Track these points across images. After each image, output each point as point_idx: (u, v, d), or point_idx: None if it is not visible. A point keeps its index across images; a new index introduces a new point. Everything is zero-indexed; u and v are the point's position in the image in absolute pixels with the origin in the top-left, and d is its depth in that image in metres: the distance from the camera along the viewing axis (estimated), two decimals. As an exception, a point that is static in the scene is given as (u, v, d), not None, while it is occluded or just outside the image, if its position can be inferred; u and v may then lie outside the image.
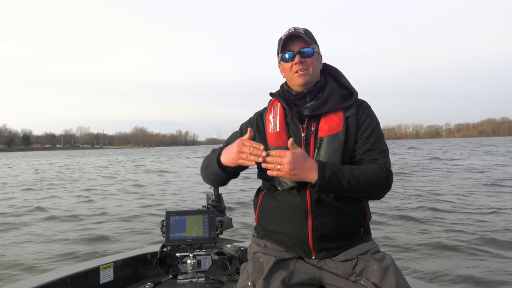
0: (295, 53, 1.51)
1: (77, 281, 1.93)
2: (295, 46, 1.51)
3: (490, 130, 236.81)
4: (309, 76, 1.52)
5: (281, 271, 1.43)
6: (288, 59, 1.53)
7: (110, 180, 16.46)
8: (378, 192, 1.46)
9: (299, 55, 1.50)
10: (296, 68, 1.51)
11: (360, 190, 1.40)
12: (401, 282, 1.37)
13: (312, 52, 1.52)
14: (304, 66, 1.51)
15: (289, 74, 1.55)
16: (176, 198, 10.27)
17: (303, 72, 1.51)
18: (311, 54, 1.52)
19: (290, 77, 1.55)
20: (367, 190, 1.41)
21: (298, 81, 1.52)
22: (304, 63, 1.51)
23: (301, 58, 1.50)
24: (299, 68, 1.51)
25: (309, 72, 1.52)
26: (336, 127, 1.49)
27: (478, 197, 8.86)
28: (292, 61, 1.52)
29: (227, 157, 1.45)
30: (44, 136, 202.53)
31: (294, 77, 1.53)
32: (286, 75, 1.58)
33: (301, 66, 1.50)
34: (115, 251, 4.98)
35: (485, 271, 4.08)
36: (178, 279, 2.16)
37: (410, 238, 5.47)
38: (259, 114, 1.67)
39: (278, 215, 1.52)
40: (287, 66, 1.54)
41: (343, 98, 1.55)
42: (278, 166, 1.32)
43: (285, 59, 1.54)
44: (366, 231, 1.55)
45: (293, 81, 1.55)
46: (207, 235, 2.22)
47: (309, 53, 1.51)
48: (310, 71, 1.52)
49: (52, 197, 11.16)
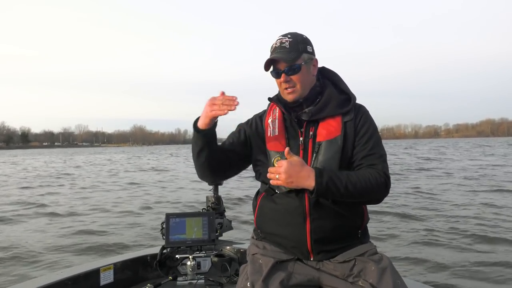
0: (280, 72, 1.51)
1: (77, 283, 1.94)
2: (280, 64, 1.51)
3: (489, 131, 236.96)
4: (297, 92, 1.52)
5: (279, 272, 1.45)
6: (275, 77, 1.54)
7: (111, 178, 16.46)
8: (376, 197, 1.47)
9: (284, 74, 1.50)
10: (284, 86, 1.52)
11: (358, 195, 1.42)
12: (398, 283, 1.39)
13: (299, 68, 1.50)
14: (291, 84, 1.51)
15: (280, 88, 1.57)
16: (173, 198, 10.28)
17: (291, 90, 1.52)
18: (297, 70, 1.50)
19: (281, 91, 1.57)
20: (364, 195, 1.43)
21: (288, 98, 1.54)
22: (290, 81, 1.51)
23: (286, 77, 1.50)
24: (286, 86, 1.52)
25: (297, 89, 1.52)
26: (334, 132, 1.50)
27: (474, 198, 8.91)
28: (279, 79, 1.53)
29: (201, 117, 1.48)
30: (42, 134, 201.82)
31: (284, 93, 1.55)
32: (279, 88, 1.59)
33: (288, 85, 1.51)
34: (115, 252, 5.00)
35: (483, 270, 4.12)
36: (178, 280, 2.17)
37: (408, 239, 5.50)
38: (259, 117, 1.68)
39: (276, 217, 1.53)
40: (277, 81, 1.56)
41: (341, 103, 1.56)
42: (277, 175, 1.37)
43: (273, 76, 1.56)
44: (364, 233, 1.57)
45: (284, 97, 1.57)
46: (207, 237, 2.23)
47: (295, 70, 1.50)
48: (298, 87, 1.52)
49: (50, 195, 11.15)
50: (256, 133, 1.62)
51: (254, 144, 1.62)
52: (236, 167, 1.66)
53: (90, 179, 16.25)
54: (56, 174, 19.68)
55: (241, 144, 1.63)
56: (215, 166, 1.58)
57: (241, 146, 1.63)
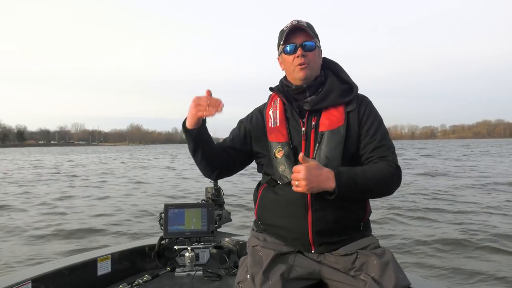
0: (297, 46, 1.49)
1: (75, 272, 1.92)
2: (297, 39, 1.50)
3: (485, 132, 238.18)
4: (310, 70, 1.51)
5: (280, 265, 1.44)
6: (290, 51, 1.51)
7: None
8: (390, 189, 1.46)
9: (301, 48, 1.49)
10: (298, 61, 1.50)
11: (376, 190, 1.41)
12: (400, 277, 1.37)
13: (314, 46, 1.51)
14: (305, 60, 1.49)
15: (290, 67, 1.53)
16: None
17: (304, 66, 1.49)
18: (313, 47, 1.50)
19: (291, 70, 1.53)
20: (381, 189, 1.42)
21: (299, 75, 1.51)
22: (306, 57, 1.49)
23: (303, 51, 1.49)
24: (300, 61, 1.49)
25: (310, 66, 1.51)
26: (337, 122, 1.48)
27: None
28: (294, 54, 1.50)
29: (187, 117, 1.46)
30: (38, 132, 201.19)
31: (295, 70, 1.52)
32: (287, 68, 1.56)
33: (303, 60, 1.49)
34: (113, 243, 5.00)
35: (485, 266, 4.12)
36: (176, 272, 2.17)
37: (410, 234, 5.51)
38: (259, 110, 1.67)
39: (278, 209, 1.51)
40: (288, 58, 1.53)
41: (343, 92, 1.54)
42: (296, 182, 1.33)
43: (287, 52, 1.52)
44: (366, 226, 1.55)
45: (293, 75, 1.53)
46: (206, 228, 2.22)
47: (312, 46, 1.50)
48: (312, 65, 1.51)
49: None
50: (257, 126, 1.61)
51: (255, 137, 1.60)
52: (239, 163, 1.65)
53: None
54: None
55: (242, 140, 1.62)
56: (216, 164, 1.57)
57: (242, 142, 1.61)
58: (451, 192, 9.73)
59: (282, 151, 1.49)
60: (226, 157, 1.58)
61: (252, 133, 1.61)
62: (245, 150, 1.62)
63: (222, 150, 1.58)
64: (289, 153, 1.48)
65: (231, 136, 1.64)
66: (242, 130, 1.63)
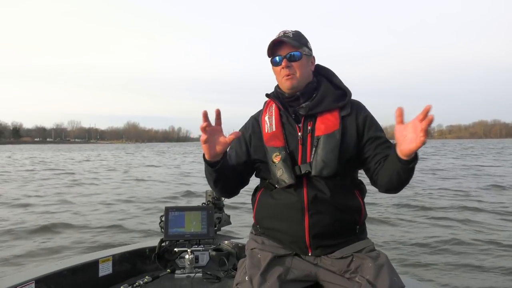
0: (281, 58, 1.54)
1: (76, 273, 1.95)
2: (282, 51, 1.54)
3: (482, 132, 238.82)
4: (296, 80, 1.54)
5: (277, 267, 1.47)
6: (275, 63, 1.57)
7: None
8: (408, 182, 1.44)
9: (286, 59, 1.53)
10: (284, 72, 1.54)
11: (412, 175, 1.39)
12: (395, 280, 1.40)
13: (300, 56, 1.54)
14: (291, 71, 1.53)
15: (278, 77, 1.58)
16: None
17: (290, 76, 1.53)
18: (298, 58, 1.54)
19: (280, 80, 1.58)
20: (411, 177, 1.40)
21: (286, 85, 1.55)
22: (291, 68, 1.53)
23: (288, 62, 1.53)
24: (286, 72, 1.53)
25: (296, 76, 1.54)
26: (333, 126, 1.52)
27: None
28: (280, 65, 1.55)
29: (205, 152, 1.43)
30: (34, 130, 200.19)
31: (282, 81, 1.56)
32: (277, 78, 1.60)
33: (288, 71, 1.53)
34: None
35: (480, 270, 4.16)
36: (176, 273, 2.19)
37: (405, 236, 5.55)
38: (254, 118, 1.70)
39: (275, 213, 1.55)
40: (276, 69, 1.58)
41: (337, 98, 1.58)
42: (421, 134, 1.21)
43: (274, 64, 1.58)
44: (361, 229, 1.58)
45: (282, 85, 1.58)
46: (205, 231, 2.25)
47: (296, 57, 1.53)
48: (298, 75, 1.54)
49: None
50: (253, 134, 1.64)
51: (253, 144, 1.63)
52: (250, 174, 1.69)
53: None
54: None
55: (245, 153, 1.64)
56: (233, 188, 1.65)
57: (246, 155, 1.64)
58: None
59: (280, 156, 1.52)
60: (238, 175, 1.62)
61: (250, 141, 1.64)
62: (251, 162, 1.64)
63: (234, 171, 1.60)
64: (286, 158, 1.51)
65: (234, 152, 1.66)
66: (242, 142, 1.65)
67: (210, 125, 1.36)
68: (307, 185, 1.49)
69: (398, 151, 1.30)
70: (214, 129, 1.38)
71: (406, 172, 1.35)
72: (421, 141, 1.20)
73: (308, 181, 1.49)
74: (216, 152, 1.41)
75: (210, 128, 1.36)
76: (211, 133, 1.37)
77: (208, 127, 1.35)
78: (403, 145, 1.26)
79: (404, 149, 1.26)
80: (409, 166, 1.31)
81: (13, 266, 4.42)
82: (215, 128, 1.39)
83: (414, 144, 1.22)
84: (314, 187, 1.48)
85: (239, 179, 1.64)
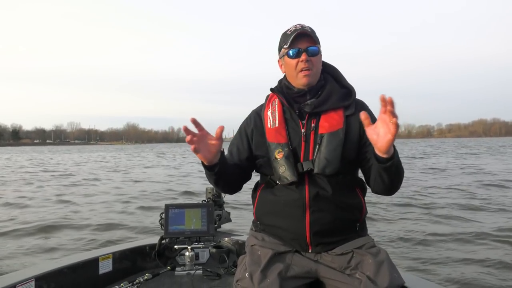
0: (301, 51, 1.49)
1: (77, 271, 1.95)
2: (302, 43, 1.50)
3: (481, 131, 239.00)
4: (313, 76, 1.52)
5: (278, 263, 1.46)
6: (293, 55, 1.51)
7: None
8: (400, 184, 1.45)
9: (305, 53, 1.49)
10: (302, 66, 1.50)
11: (401, 177, 1.40)
12: (395, 276, 1.40)
13: (318, 51, 1.52)
14: (309, 65, 1.50)
15: (293, 71, 1.53)
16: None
17: (308, 72, 1.50)
18: (317, 53, 1.51)
19: (294, 75, 1.53)
20: (401, 178, 1.41)
21: (302, 81, 1.52)
22: (309, 62, 1.50)
23: (307, 56, 1.49)
24: (304, 66, 1.49)
25: (313, 72, 1.52)
26: (336, 125, 1.51)
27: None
28: (298, 58, 1.50)
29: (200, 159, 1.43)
30: (34, 131, 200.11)
31: (298, 76, 1.52)
32: (289, 72, 1.55)
33: (307, 65, 1.49)
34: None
35: (479, 265, 4.15)
36: (176, 271, 2.19)
37: (406, 233, 5.55)
38: (256, 112, 1.67)
39: (276, 209, 1.54)
40: (291, 62, 1.52)
41: (343, 96, 1.56)
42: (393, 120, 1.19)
43: (290, 55, 1.51)
44: (362, 226, 1.58)
45: (297, 80, 1.53)
46: (205, 228, 2.25)
47: (315, 52, 1.51)
48: (315, 70, 1.52)
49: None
50: (255, 128, 1.62)
51: (255, 139, 1.62)
52: (251, 170, 1.68)
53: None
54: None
55: (247, 149, 1.63)
56: (235, 184, 1.63)
57: (248, 151, 1.63)
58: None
59: (282, 152, 1.50)
60: (241, 172, 1.61)
61: (252, 136, 1.63)
62: (253, 157, 1.63)
63: (236, 167, 1.59)
64: (289, 155, 1.50)
65: (236, 148, 1.65)
66: (244, 137, 1.64)
67: (194, 135, 1.34)
68: (309, 182, 1.48)
69: (377, 151, 1.28)
70: (199, 135, 1.36)
71: (388, 173, 1.34)
72: (394, 123, 1.17)
73: (310, 178, 1.48)
74: (212, 154, 1.40)
75: (196, 138, 1.35)
76: (199, 141, 1.35)
77: (193, 138, 1.34)
78: (379, 142, 1.24)
79: (381, 146, 1.24)
80: (387, 164, 1.29)
81: (13, 264, 4.42)
82: (200, 135, 1.36)
83: (389, 133, 1.20)
84: (316, 184, 1.48)
85: (241, 175, 1.63)
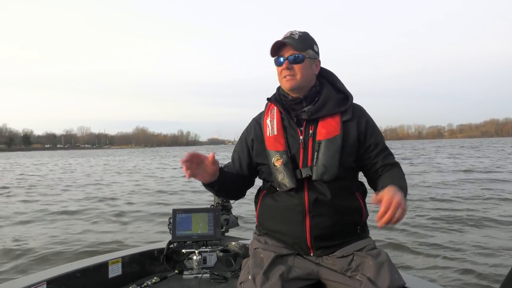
0: (284, 59, 1.55)
1: (87, 274, 1.99)
2: (285, 52, 1.55)
3: (493, 131, 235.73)
4: (296, 81, 1.55)
5: (280, 266, 1.49)
6: (277, 63, 1.58)
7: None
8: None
9: (287, 61, 1.54)
10: (284, 73, 1.55)
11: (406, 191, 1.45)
12: (395, 277, 1.42)
13: (302, 59, 1.54)
14: (291, 72, 1.54)
15: (279, 78, 1.60)
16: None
17: (290, 78, 1.54)
18: (300, 60, 1.54)
19: (280, 80, 1.60)
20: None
21: (285, 86, 1.57)
22: (292, 69, 1.54)
23: (289, 64, 1.54)
24: (286, 73, 1.55)
25: (296, 78, 1.54)
26: (334, 131, 1.53)
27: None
28: (281, 66, 1.56)
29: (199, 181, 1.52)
30: (44, 136, 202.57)
31: (282, 81, 1.58)
32: (278, 78, 1.62)
33: (289, 72, 1.54)
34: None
35: (477, 266, 4.14)
36: (184, 274, 2.22)
37: (406, 234, 5.54)
38: (256, 120, 1.72)
39: (277, 215, 1.57)
40: (278, 70, 1.59)
41: (339, 102, 1.59)
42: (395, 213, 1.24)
43: (276, 64, 1.59)
44: (363, 229, 1.60)
45: (282, 85, 1.60)
46: (212, 232, 2.28)
47: (298, 59, 1.54)
48: (298, 77, 1.54)
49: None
50: (255, 137, 1.66)
51: (255, 148, 1.66)
52: (254, 177, 1.73)
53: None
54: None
55: (248, 157, 1.68)
56: (236, 192, 1.72)
57: (249, 159, 1.68)
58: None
59: (281, 159, 1.54)
60: (243, 179, 1.68)
61: (252, 145, 1.67)
62: (254, 165, 1.68)
63: (238, 175, 1.66)
64: (287, 162, 1.53)
65: (237, 156, 1.71)
66: (244, 146, 1.70)
67: (189, 166, 1.41)
68: (308, 188, 1.51)
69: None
70: (195, 163, 1.43)
71: None
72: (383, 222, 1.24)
73: (309, 184, 1.51)
74: (210, 175, 1.48)
75: (192, 166, 1.42)
76: (195, 166, 1.43)
77: (189, 168, 1.41)
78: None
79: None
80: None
81: (25, 268, 4.51)
82: (195, 162, 1.43)
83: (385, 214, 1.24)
84: (315, 190, 1.50)
85: (243, 182, 1.69)
